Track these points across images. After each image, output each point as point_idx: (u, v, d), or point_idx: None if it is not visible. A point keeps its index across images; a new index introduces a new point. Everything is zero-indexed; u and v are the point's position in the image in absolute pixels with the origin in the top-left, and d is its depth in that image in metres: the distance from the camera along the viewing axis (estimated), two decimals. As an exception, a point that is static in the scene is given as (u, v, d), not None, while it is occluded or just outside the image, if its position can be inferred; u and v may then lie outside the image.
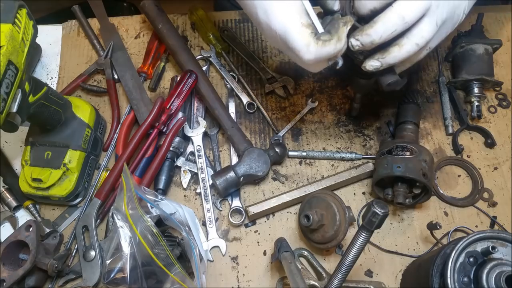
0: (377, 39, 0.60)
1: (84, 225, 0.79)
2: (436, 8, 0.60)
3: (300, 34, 0.59)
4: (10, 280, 0.69)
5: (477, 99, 0.88)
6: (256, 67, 0.95)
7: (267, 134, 0.91)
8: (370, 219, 0.58)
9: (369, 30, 0.60)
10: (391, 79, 0.67)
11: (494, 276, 0.56)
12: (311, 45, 0.59)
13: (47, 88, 0.74)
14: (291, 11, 0.60)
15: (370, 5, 0.60)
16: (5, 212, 0.84)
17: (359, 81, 0.77)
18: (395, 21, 0.59)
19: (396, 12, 0.58)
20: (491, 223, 0.82)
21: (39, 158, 0.80)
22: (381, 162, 0.78)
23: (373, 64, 0.64)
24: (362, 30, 0.61)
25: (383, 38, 0.60)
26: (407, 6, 0.58)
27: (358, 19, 0.63)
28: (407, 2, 0.58)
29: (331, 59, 0.63)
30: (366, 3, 0.60)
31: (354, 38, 0.61)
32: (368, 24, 0.60)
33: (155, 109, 0.82)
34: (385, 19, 0.59)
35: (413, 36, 0.61)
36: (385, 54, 0.63)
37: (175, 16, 1.03)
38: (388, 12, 0.59)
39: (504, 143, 0.89)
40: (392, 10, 0.59)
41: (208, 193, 0.83)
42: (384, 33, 0.59)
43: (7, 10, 0.63)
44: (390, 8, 0.59)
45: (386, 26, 0.59)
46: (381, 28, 0.59)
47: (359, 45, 0.61)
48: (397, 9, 0.58)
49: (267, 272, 0.79)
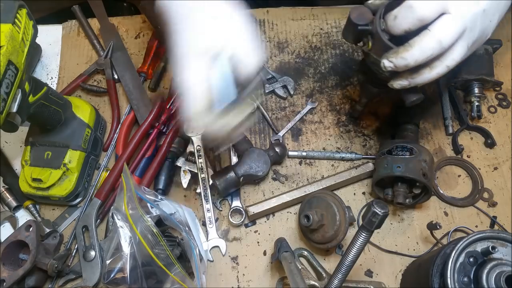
0: (412, 63, 0.59)
1: (84, 225, 0.79)
2: (470, 31, 0.59)
3: (197, 102, 0.57)
4: (10, 280, 0.69)
5: (477, 99, 0.88)
6: (256, 67, 0.95)
7: (267, 134, 0.91)
8: (370, 219, 0.58)
9: (404, 53, 0.58)
10: (415, 97, 0.67)
11: (494, 276, 0.56)
12: (201, 117, 0.57)
13: (47, 88, 0.74)
14: (193, 76, 0.57)
15: (405, 26, 0.58)
16: (5, 212, 0.84)
17: (372, 89, 0.77)
18: (433, 45, 0.57)
19: (433, 36, 0.57)
20: (491, 223, 0.82)
21: (39, 158, 0.80)
22: (381, 162, 0.78)
23: (401, 83, 0.64)
24: (397, 52, 0.59)
25: (418, 62, 0.59)
26: (445, 30, 0.57)
27: (390, 38, 0.61)
28: (444, 26, 0.57)
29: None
30: (402, 24, 0.58)
31: (387, 59, 0.60)
32: (404, 47, 0.59)
33: (155, 109, 0.82)
34: (422, 44, 0.57)
35: (445, 59, 0.60)
36: (415, 75, 0.62)
37: (175, 16, 1.03)
38: (425, 36, 0.57)
39: (504, 143, 0.89)
40: (430, 34, 0.57)
41: (208, 193, 0.83)
42: (420, 57, 0.58)
43: (7, 10, 0.63)
44: (427, 32, 0.57)
45: (423, 51, 0.58)
46: (417, 52, 0.58)
47: (392, 67, 0.60)
48: (435, 33, 0.57)
49: (267, 272, 0.79)
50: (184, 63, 0.58)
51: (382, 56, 0.61)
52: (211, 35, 0.58)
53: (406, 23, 0.58)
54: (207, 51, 0.57)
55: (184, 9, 0.59)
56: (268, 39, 1.00)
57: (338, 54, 0.98)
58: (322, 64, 0.97)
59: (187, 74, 0.57)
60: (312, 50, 0.99)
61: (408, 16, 0.57)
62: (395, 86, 0.65)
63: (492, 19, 0.62)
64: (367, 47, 0.65)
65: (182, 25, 0.59)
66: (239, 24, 0.59)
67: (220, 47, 0.57)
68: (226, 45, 0.57)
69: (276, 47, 0.99)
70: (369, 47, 0.65)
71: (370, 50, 0.65)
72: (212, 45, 0.57)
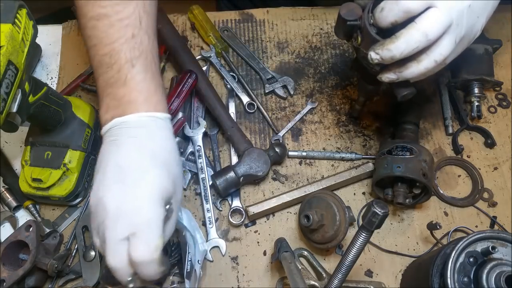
0: (398, 55, 0.59)
1: (84, 225, 0.79)
2: (456, 26, 0.59)
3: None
4: (10, 280, 0.69)
5: (477, 99, 0.88)
6: (256, 67, 0.95)
7: (267, 134, 0.91)
8: (370, 219, 0.58)
9: (390, 45, 0.59)
10: (406, 91, 0.68)
11: (494, 276, 0.56)
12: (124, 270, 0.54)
13: (47, 88, 0.74)
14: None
15: (391, 18, 0.59)
16: (5, 212, 0.83)
17: (367, 86, 0.78)
18: (418, 38, 0.58)
19: (419, 29, 0.57)
20: (491, 223, 0.82)
21: (39, 158, 0.79)
22: (381, 162, 0.78)
23: (389, 76, 0.64)
24: (383, 44, 0.60)
25: (404, 54, 0.59)
26: (431, 23, 0.57)
27: (377, 31, 0.62)
28: (430, 19, 0.57)
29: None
30: (388, 16, 0.59)
31: (374, 51, 0.61)
32: (390, 39, 0.59)
33: (155, 109, 0.82)
34: (408, 36, 0.58)
35: (432, 53, 0.60)
36: (402, 69, 0.62)
37: (175, 16, 1.03)
38: (411, 29, 0.58)
39: (504, 143, 0.89)
40: (415, 27, 0.58)
41: (208, 193, 0.83)
42: (405, 49, 0.58)
43: (7, 10, 0.63)
44: (413, 25, 0.58)
45: (409, 43, 0.58)
46: (403, 45, 0.58)
47: (379, 59, 0.60)
48: (421, 26, 0.57)
49: (267, 272, 0.79)
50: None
51: (369, 49, 0.62)
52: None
53: (392, 15, 0.58)
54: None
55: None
56: (268, 39, 1.00)
57: (338, 54, 0.98)
58: (322, 64, 0.97)
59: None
60: (312, 50, 0.99)
61: (394, 8, 0.58)
62: (383, 80, 0.65)
63: (480, 15, 0.63)
64: (356, 42, 0.66)
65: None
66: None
67: None
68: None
69: (276, 47, 0.99)
70: (359, 42, 0.66)
71: (359, 45, 0.66)
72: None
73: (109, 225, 0.53)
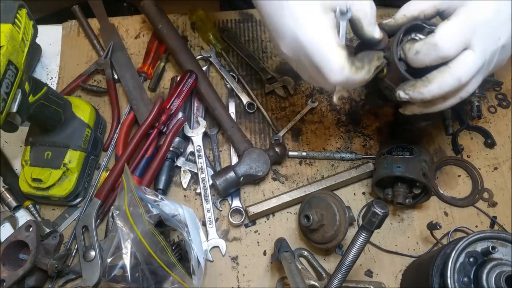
0: (428, 98, 0.58)
1: (84, 225, 0.79)
2: (487, 66, 0.58)
3: (337, 55, 0.55)
4: (10, 280, 0.69)
5: (477, 99, 0.88)
6: (256, 67, 0.95)
7: (267, 134, 0.91)
8: (370, 219, 0.58)
9: (422, 89, 0.57)
10: (424, 123, 0.69)
11: (494, 276, 0.56)
12: (346, 69, 0.56)
13: (47, 88, 0.74)
14: (326, 29, 0.56)
15: (427, 62, 0.57)
16: (5, 212, 0.83)
17: (377, 101, 0.77)
18: (452, 83, 0.56)
19: (453, 74, 0.56)
20: (491, 223, 0.82)
21: (39, 158, 0.79)
22: (381, 162, 0.78)
23: (413, 111, 0.63)
24: (414, 86, 0.58)
25: (435, 97, 0.58)
26: (465, 67, 0.56)
27: (407, 69, 0.60)
28: (465, 64, 0.56)
29: (350, 87, 0.60)
30: (424, 60, 0.57)
31: (403, 91, 0.59)
32: (422, 82, 0.58)
33: (155, 109, 0.82)
34: (442, 81, 0.56)
35: (460, 92, 0.59)
36: (428, 104, 0.61)
37: (175, 16, 1.03)
38: (445, 73, 0.56)
39: (504, 143, 0.89)
40: (449, 71, 0.56)
41: (208, 193, 0.83)
42: (437, 93, 0.57)
43: (7, 10, 0.63)
44: (447, 69, 0.56)
45: (441, 88, 0.57)
46: (435, 89, 0.57)
47: (408, 99, 0.59)
48: (455, 71, 0.56)
49: (267, 272, 0.79)
50: (304, 20, 0.55)
51: (398, 87, 0.60)
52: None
53: (428, 60, 0.57)
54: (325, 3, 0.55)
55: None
56: (268, 39, 1.00)
57: (338, 54, 0.98)
58: (322, 64, 0.97)
59: (314, 31, 0.55)
60: (312, 50, 0.99)
61: (431, 54, 0.56)
62: (406, 113, 0.64)
63: (510, 51, 0.61)
64: (382, 73, 0.63)
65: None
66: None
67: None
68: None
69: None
70: (384, 74, 0.63)
71: (384, 76, 0.64)
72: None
73: None
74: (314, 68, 0.58)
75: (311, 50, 0.56)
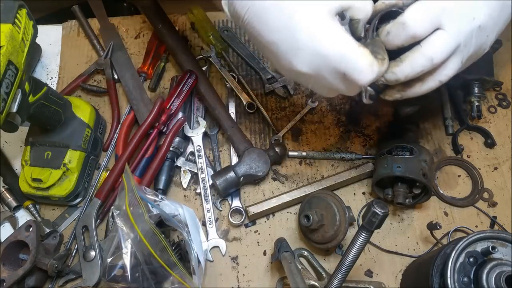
0: (402, 78, 0.58)
1: (84, 225, 0.79)
2: (464, 47, 0.58)
3: (362, 55, 0.56)
4: (10, 280, 0.69)
5: (477, 99, 0.88)
6: (256, 67, 0.95)
7: (267, 134, 0.91)
8: (370, 219, 0.58)
9: (395, 68, 0.58)
10: (409, 109, 0.69)
11: (494, 276, 0.56)
12: (374, 64, 0.56)
13: (47, 88, 0.74)
14: (342, 34, 0.56)
15: (398, 43, 0.57)
16: (5, 212, 0.83)
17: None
18: (423, 62, 0.56)
19: (425, 53, 0.56)
20: (491, 223, 0.82)
21: (39, 158, 0.80)
22: (381, 162, 0.78)
23: (393, 95, 0.63)
24: (387, 66, 0.59)
25: (408, 77, 0.58)
26: (437, 47, 0.56)
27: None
28: (436, 43, 0.56)
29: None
30: (394, 40, 0.57)
31: None
32: (395, 62, 0.58)
33: (155, 109, 0.82)
34: (413, 60, 0.57)
35: (437, 75, 0.59)
36: (406, 88, 0.61)
37: (175, 16, 1.03)
38: (416, 53, 0.56)
39: (504, 143, 0.89)
40: (420, 51, 0.56)
41: (208, 193, 0.83)
42: (410, 73, 0.58)
43: (7, 10, 0.63)
44: (419, 48, 0.56)
45: (413, 67, 0.57)
46: (408, 69, 0.57)
47: (383, 80, 0.60)
48: (426, 51, 0.56)
49: (267, 272, 0.79)
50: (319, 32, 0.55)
51: None
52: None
53: (398, 40, 0.57)
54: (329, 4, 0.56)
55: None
56: (268, 39, 1.00)
57: (338, 54, 0.98)
58: (322, 64, 0.97)
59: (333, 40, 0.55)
60: (312, 50, 0.99)
61: (400, 33, 0.56)
62: (387, 98, 0.64)
63: (490, 34, 0.61)
64: None
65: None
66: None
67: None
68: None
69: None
70: None
71: None
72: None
73: None
74: (339, 76, 0.58)
75: (336, 59, 0.56)
